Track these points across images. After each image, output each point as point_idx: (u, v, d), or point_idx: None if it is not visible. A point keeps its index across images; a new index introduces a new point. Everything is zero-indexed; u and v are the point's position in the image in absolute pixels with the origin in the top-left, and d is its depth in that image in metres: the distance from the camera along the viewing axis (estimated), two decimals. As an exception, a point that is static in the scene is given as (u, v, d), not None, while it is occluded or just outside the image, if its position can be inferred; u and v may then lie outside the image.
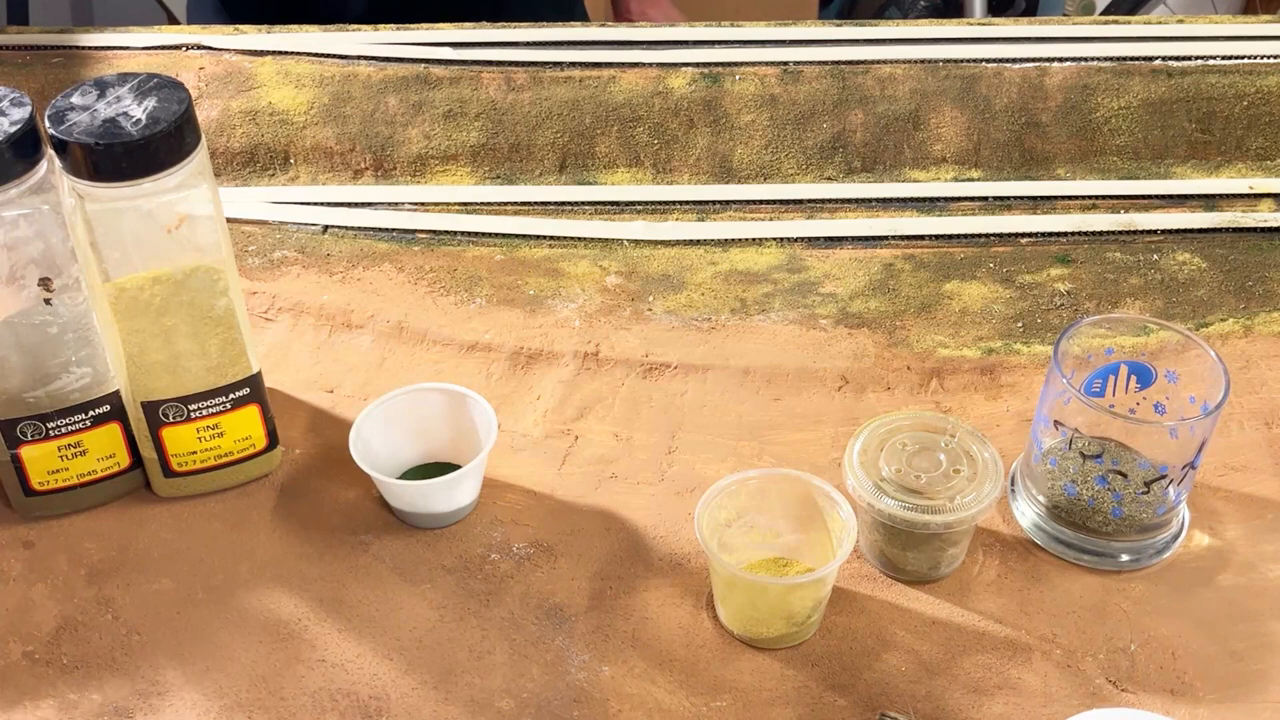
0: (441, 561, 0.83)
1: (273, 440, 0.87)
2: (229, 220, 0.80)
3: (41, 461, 0.83)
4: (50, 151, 0.74)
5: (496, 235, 1.07)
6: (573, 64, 1.16)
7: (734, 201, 1.10)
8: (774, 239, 1.06)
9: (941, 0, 2.33)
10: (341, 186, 1.12)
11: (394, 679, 0.77)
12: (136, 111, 0.73)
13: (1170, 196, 1.10)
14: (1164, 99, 1.13)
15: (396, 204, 1.10)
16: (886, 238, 1.06)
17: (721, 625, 0.80)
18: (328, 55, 1.17)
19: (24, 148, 0.73)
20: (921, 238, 1.07)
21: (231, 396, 0.83)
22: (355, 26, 1.20)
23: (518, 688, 0.77)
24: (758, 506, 0.81)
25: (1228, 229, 1.07)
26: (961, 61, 1.14)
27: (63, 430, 0.82)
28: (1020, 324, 0.99)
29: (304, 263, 1.05)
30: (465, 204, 1.10)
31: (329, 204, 1.10)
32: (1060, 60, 1.14)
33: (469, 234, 1.08)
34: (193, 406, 0.83)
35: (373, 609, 0.81)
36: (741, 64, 1.15)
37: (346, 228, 1.08)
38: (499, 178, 1.12)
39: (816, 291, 1.02)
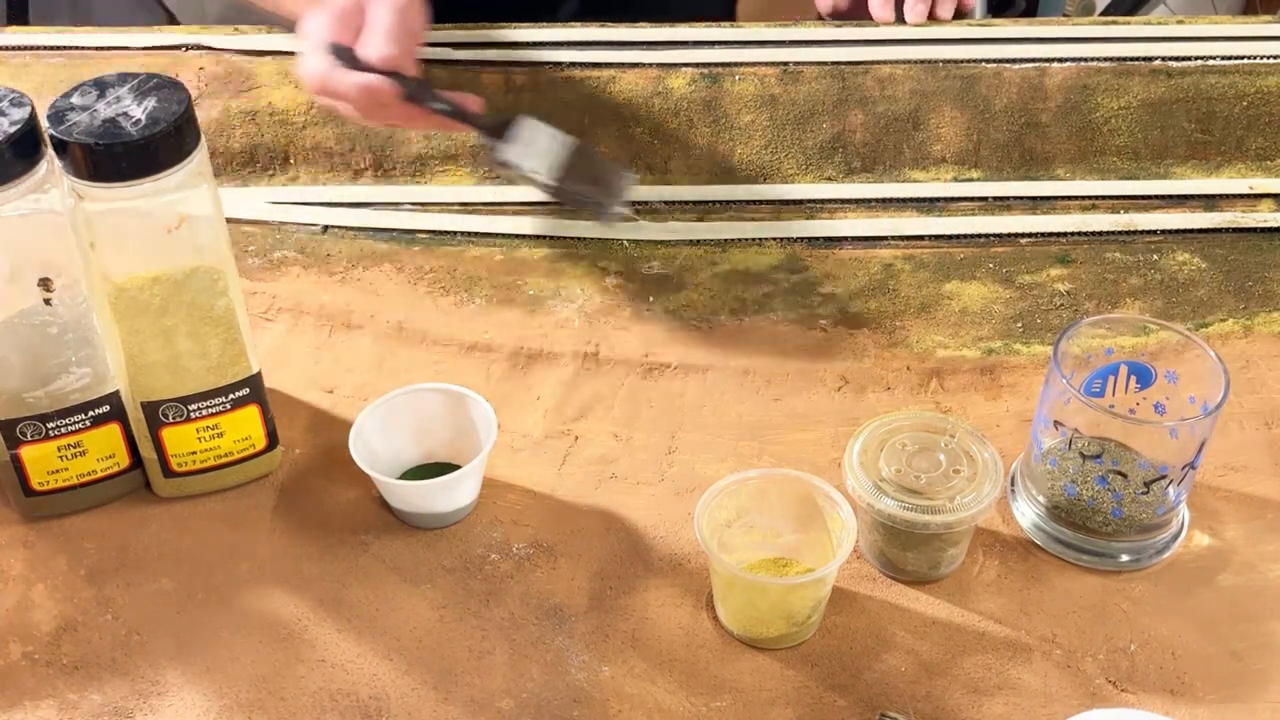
0: (441, 561, 0.83)
1: (273, 440, 0.87)
2: (229, 220, 0.80)
3: (41, 462, 0.83)
4: (50, 151, 0.74)
5: (496, 235, 1.07)
6: (573, 64, 1.16)
7: (734, 201, 1.10)
8: (774, 239, 1.06)
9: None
10: (341, 186, 1.12)
11: (394, 679, 0.77)
12: (136, 112, 0.73)
13: (1170, 197, 1.10)
14: (1164, 99, 1.12)
15: (396, 204, 1.10)
16: (886, 238, 1.07)
17: (721, 625, 0.80)
18: (328, 55, 1.17)
19: (24, 148, 0.73)
20: (921, 238, 1.07)
21: (231, 396, 0.83)
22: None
23: (518, 688, 0.77)
24: (758, 506, 0.81)
25: (1228, 229, 1.07)
26: (961, 61, 1.14)
27: (63, 430, 0.82)
28: (1020, 324, 0.99)
29: (304, 263, 1.05)
30: (465, 204, 1.10)
31: (329, 204, 1.10)
32: (1060, 60, 1.14)
33: (469, 234, 1.08)
34: (193, 406, 0.83)
35: (373, 609, 0.81)
36: (741, 64, 1.15)
37: (346, 228, 1.08)
38: (499, 178, 1.12)
39: (816, 291, 1.02)
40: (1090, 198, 1.10)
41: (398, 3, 0.94)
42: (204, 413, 0.83)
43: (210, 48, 1.18)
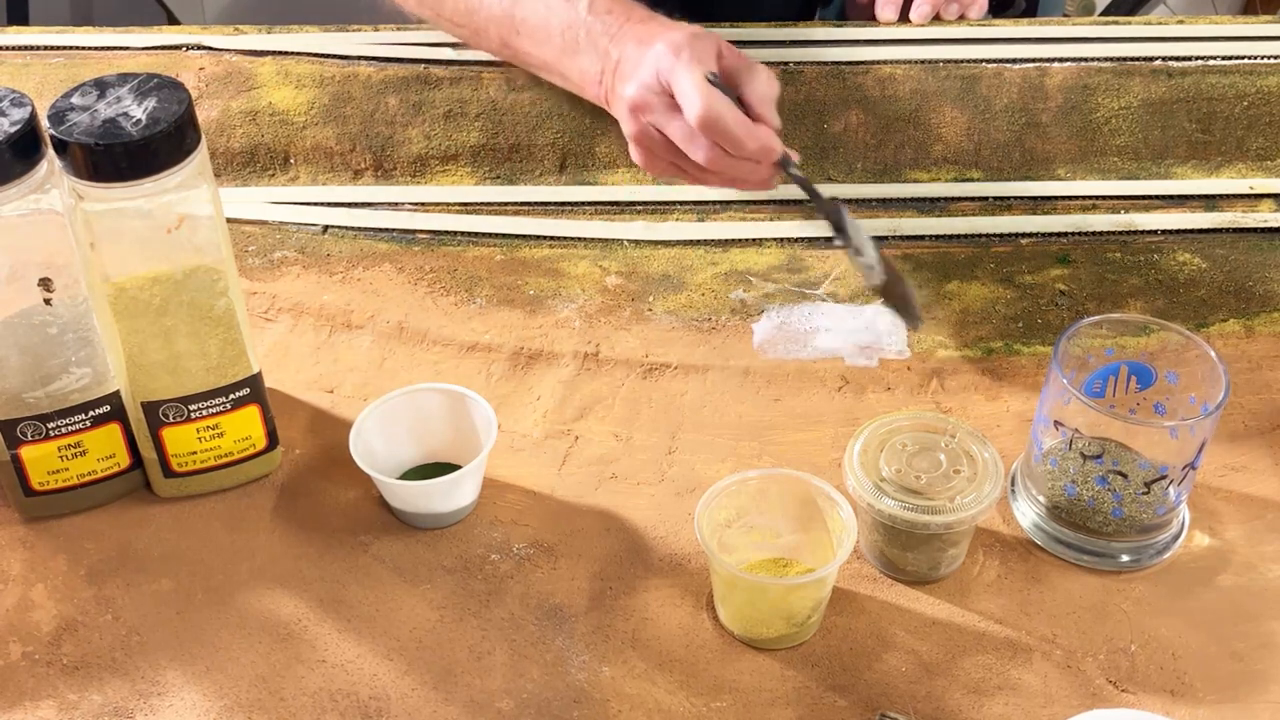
0: (441, 561, 0.83)
1: (273, 440, 0.87)
2: (229, 220, 0.80)
3: (41, 462, 0.83)
4: (50, 152, 0.74)
5: (496, 235, 1.07)
6: (573, 64, 1.16)
7: (734, 201, 1.10)
8: (774, 239, 1.06)
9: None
10: (341, 186, 1.12)
11: (394, 679, 0.77)
12: (136, 112, 0.73)
13: (1170, 197, 1.10)
14: (1164, 99, 1.12)
15: (396, 204, 1.10)
16: (886, 238, 1.06)
17: (721, 625, 0.80)
18: (328, 55, 1.17)
19: (24, 148, 0.73)
20: (921, 238, 1.07)
21: (231, 397, 0.83)
22: (357, 27, 1.20)
23: (518, 688, 0.77)
24: (758, 506, 0.81)
25: (1228, 229, 1.07)
26: (961, 61, 1.14)
27: (63, 430, 0.82)
28: (1020, 324, 0.99)
29: (304, 263, 1.05)
30: (465, 204, 1.10)
31: (329, 204, 1.10)
32: (1060, 60, 1.14)
33: (469, 234, 1.08)
34: (193, 407, 0.83)
35: (373, 609, 0.81)
36: (741, 64, 1.14)
37: (346, 228, 1.08)
38: (499, 178, 1.12)
39: (817, 292, 1.02)
40: (1090, 198, 1.10)
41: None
42: (204, 413, 0.83)
43: (210, 48, 1.18)
